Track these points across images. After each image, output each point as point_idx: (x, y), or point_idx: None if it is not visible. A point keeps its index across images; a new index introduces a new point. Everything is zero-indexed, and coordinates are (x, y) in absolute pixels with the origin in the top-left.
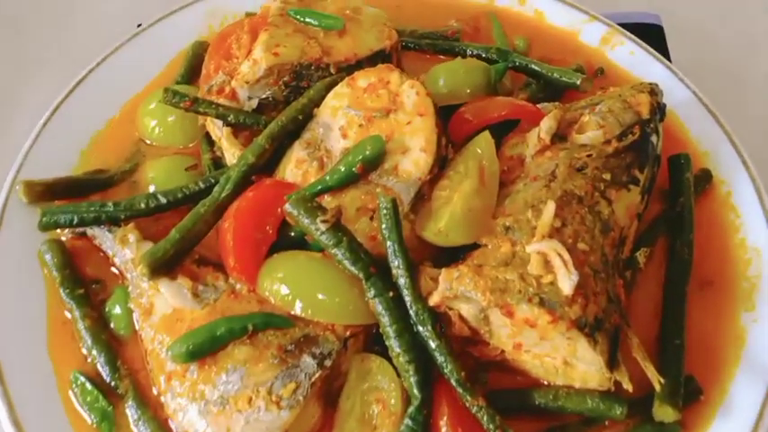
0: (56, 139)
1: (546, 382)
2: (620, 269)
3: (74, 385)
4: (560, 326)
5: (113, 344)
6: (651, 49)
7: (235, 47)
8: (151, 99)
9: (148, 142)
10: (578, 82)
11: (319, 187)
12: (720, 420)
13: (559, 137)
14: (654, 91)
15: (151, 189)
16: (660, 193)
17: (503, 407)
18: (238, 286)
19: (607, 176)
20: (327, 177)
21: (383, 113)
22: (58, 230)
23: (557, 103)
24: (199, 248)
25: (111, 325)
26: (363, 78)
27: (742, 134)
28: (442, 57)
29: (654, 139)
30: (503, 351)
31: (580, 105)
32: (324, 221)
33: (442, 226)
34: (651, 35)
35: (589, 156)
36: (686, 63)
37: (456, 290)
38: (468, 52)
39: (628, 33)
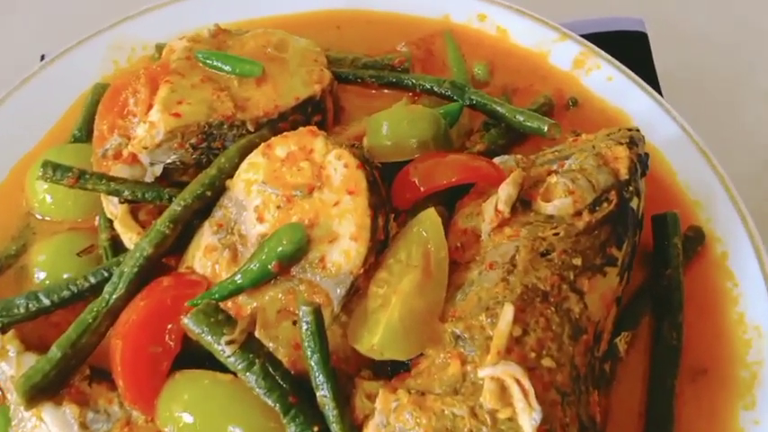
0: None
1: None
2: (596, 377)
3: None
4: None
5: None
6: (633, 75)
7: (131, 102)
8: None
9: (39, 216)
10: (545, 129)
11: (230, 289)
12: None
13: (523, 201)
14: (633, 140)
15: (40, 277)
16: (643, 257)
17: None
18: (134, 414)
19: (578, 261)
20: (239, 277)
21: (305, 192)
22: None
23: (519, 156)
24: (93, 358)
25: None
26: (281, 146)
27: (737, 171)
28: (387, 91)
29: (634, 203)
30: None
31: (547, 159)
32: (230, 342)
33: (376, 342)
34: (634, 44)
35: (556, 234)
36: (674, 73)
37: (393, 426)
38: (419, 87)
39: (604, 54)
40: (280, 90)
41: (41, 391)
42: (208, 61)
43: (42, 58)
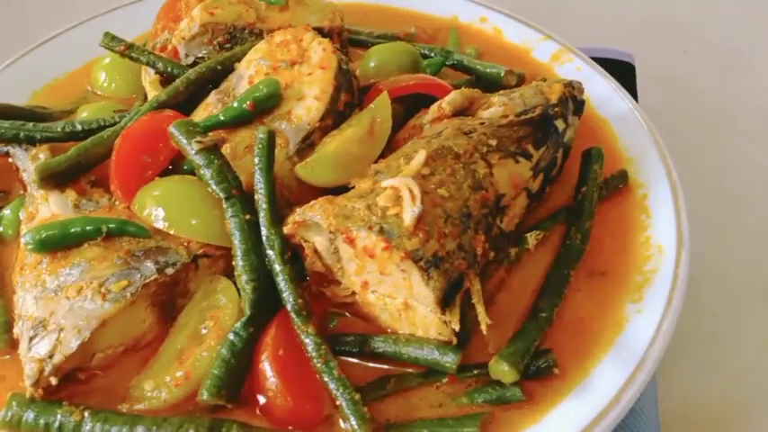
0: (13, 77)
1: (392, 330)
2: (491, 233)
3: None
4: (395, 255)
5: None
6: (597, 66)
7: (183, 10)
8: (108, 54)
9: (97, 92)
10: (501, 74)
11: (213, 121)
12: (574, 398)
13: (465, 115)
14: (572, 84)
15: None
16: (572, 188)
17: (343, 349)
18: (117, 203)
19: (493, 142)
20: (221, 114)
21: (288, 64)
22: None
23: (476, 90)
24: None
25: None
26: (281, 35)
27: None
28: None
29: (559, 124)
30: (353, 293)
31: (500, 93)
32: (198, 142)
33: (310, 160)
34: (622, 72)
35: (482, 124)
36: (654, 106)
37: (305, 215)
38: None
39: (578, 51)
40: (296, 18)
41: (53, 176)
42: None
43: None
